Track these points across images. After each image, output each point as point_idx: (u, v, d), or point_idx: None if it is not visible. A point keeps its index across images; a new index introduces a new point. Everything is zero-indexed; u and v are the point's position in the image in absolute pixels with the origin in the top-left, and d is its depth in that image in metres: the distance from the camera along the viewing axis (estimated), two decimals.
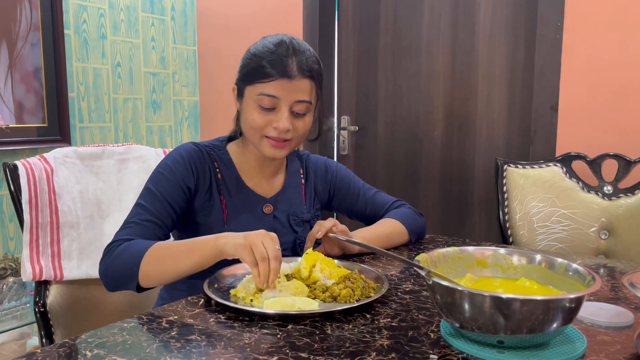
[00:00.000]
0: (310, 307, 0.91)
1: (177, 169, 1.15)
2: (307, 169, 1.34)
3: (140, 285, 1.03)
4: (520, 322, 0.72)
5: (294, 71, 1.11)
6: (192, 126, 2.95)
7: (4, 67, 2.18)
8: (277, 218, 1.24)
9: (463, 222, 2.29)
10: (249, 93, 1.15)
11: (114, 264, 1.04)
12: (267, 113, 1.13)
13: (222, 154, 1.23)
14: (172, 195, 1.13)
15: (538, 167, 1.70)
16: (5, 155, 2.21)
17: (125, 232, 1.09)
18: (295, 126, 1.15)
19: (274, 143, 1.15)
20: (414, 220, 1.36)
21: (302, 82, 1.12)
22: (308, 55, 1.14)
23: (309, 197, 1.32)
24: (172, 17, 2.81)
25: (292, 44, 1.13)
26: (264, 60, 1.12)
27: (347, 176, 1.39)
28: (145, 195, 1.13)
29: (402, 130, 2.41)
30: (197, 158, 1.18)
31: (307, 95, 1.14)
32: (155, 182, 1.14)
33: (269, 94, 1.11)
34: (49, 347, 0.75)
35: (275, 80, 1.10)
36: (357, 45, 2.51)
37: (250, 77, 1.14)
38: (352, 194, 1.38)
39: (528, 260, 0.89)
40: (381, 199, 1.40)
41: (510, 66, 2.13)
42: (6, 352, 1.99)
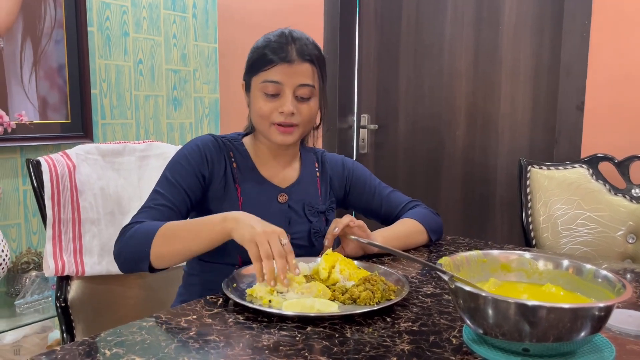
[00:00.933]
0: (330, 309, 0.89)
1: (193, 158, 1.19)
2: (322, 164, 1.35)
3: (152, 265, 1.05)
4: (546, 330, 0.69)
5: (293, 55, 1.15)
6: (213, 123, 2.96)
7: (28, 64, 2.21)
8: (292, 207, 1.24)
9: (484, 223, 2.25)
10: (255, 83, 1.20)
11: (127, 245, 1.07)
12: (272, 100, 1.17)
13: (238, 145, 1.26)
14: (187, 182, 1.16)
15: (563, 168, 1.67)
16: (29, 150, 2.24)
17: (140, 215, 1.12)
18: (301, 110, 1.18)
19: (282, 129, 1.18)
20: (432, 220, 1.36)
21: (303, 66, 1.16)
22: (307, 42, 1.19)
23: (324, 189, 1.32)
24: (193, 15, 2.82)
25: (292, 34, 1.19)
26: (265, 49, 1.17)
27: (364, 174, 1.39)
28: (162, 183, 1.17)
29: (423, 130, 2.38)
30: (213, 147, 1.22)
31: (309, 79, 1.18)
32: (171, 170, 1.18)
33: (272, 79, 1.16)
34: (69, 345, 0.75)
35: (277, 66, 1.15)
36: (378, 42, 2.49)
37: (254, 67, 1.19)
38: (367, 192, 1.37)
39: (555, 265, 0.86)
40: (396, 199, 1.39)
41: (535, 65, 2.09)
42: (28, 345, 2.02)
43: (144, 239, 1.05)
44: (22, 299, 2.02)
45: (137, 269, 1.07)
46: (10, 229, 2.22)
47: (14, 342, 2.00)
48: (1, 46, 2.13)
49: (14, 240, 2.23)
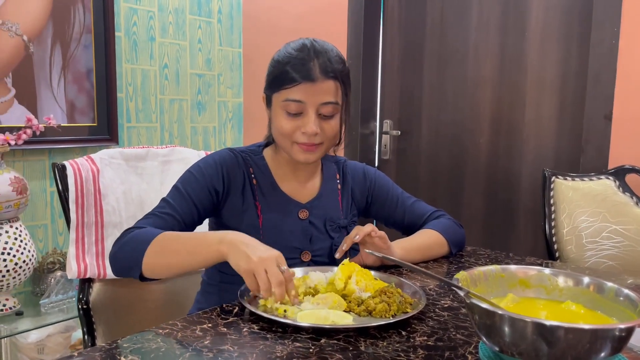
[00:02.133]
0: (344, 321, 0.89)
1: (207, 172, 1.17)
2: (344, 175, 1.32)
3: (143, 275, 1.03)
4: (565, 350, 0.68)
5: (316, 73, 1.10)
6: (236, 127, 2.98)
7: (57, 68, 2.26)
8: (313, 223, 1.22)
9: (507, 234, 2.22)
10: (276, 100, 1.16)
11: (122, 250, 1.05)
12: (294, 118, 1.13)
13: (258, 159, 1.23)
14: (198, 195, 1.14)
15: (588, 179, 1.63)
16: (57, 153, 2.29)
17: (143, 221, 1.10)
18: (324, 129, 1.14)
19: (305, 148, 1.14)
20: (453, 231, 1.32)
21: (326, 84, 1.11)
22: (331, 56, 1.13)
23: (345, 202, 1.30)
24: (218, 20, 2.85)
25: (314, 47, 1.13)
26: (286, 65, 1.12)
27: (386, 184, 1.36)
28: (172, 192, 1.16)
29: (446, 137, 2.36)
30: (231, 163, 1.19)
31: (333, 96, 1.13)
32: (183, 181, 1.17)
33: (294, 99, 1.11)
34: (86, 350, 0.76)
35: (299, 85, 1.10)
36: (402, 48, 2.48)
37: (275, 84, 1.15)
38: (390, 202, 1.35)
39: (575, 282, 0.84)
40: (420, 209, 1.36)
41: (562, 73, 2.05)
42: (52, 344, 2.06)
43: (139, 245, 1.02)
44: (47, 298, 2.07)
45: (129, 275, 1.05)
46: (37, 230, 2.27)
47: (38, 341, 2.04)
48: (31, 51, 2.18)
49: (41, 240, 2.28)
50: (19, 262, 1.91)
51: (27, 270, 1.95)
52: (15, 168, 2.13)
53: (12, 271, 1.90)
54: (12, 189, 1.89)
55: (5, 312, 1.97)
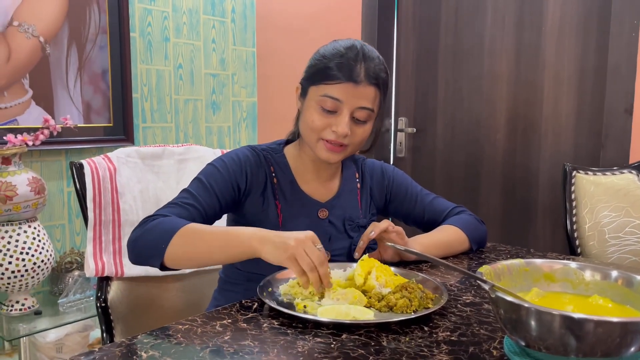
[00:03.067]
0: (366, 316, 0.88)
1: (231, 167, 1.15)
2: (362, 174, 1.31)
3: (164, 263, 1.01)
4: (594, 344, 0.66)
5: (361, 76, 1.09)
6: (250, 127, 2.98)
7: (73, 69, 2.28)
8: (333, 223, 1.21)
9: (526, 230, 2.19)
10: (313, 93, 1.13)
11: (144, 237, 1.03)
12: (327, 115, 1.12)
13: (279, 157, 1.22)
14: (221, 188, 1.13)
15: (611, 174, 1.60)
16: (73, 153, 2.30)
17: (165, 210, 1.08)
18: (354, 132, 1.13)
19: (329, 147, 1.13)
20: (475, 227, 1.30)
21: (368, 89, 1.10)
22: (377, 63, 1.12)
23: (364, 202, 1.29)
24: (232, 19, 2.86)
25: (363, 50, 1.12)
26: (332, 62, 1.10)
27: (405, 181, 1.35)
28: (194, 184, 1.14)
29: (462, 134, 2.34)
30: (254, 162, 1.18)
31: (371, 102, 1.12)
32: (206, 174, 1.15)
33: (332, 96, 1.10)
34: (107, 346, 0.76)
35: (341, 84, 1.09)
36: (417, 45, 2.46)
37: (316, 77, 1.13)
38: (409, 200, 1.33)
39: (603, 276, 0.82)
40: (440, 205, 1.35)
41: (580, 67, 2.02)
42: (70, 343, 2.08)
43: (164, 234, 1.00)
44: (65, 297, 2.08)
45: (148, 263, 1.02)
46: (55, 230, 2.29)
47: (57, 340, 2.06)
48: (48, 52, 2.20)
49: (58, 240, 2.30)
50: (37, 262, 1.93)
51: (45, 270, 1.97)
52: (32, 168, 2.15)
53: (30, 271, 1.91)
54: (30, 189, 1.90)
55: (24, 311, 1.99)
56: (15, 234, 1.90)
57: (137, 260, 1.05)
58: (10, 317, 1.97)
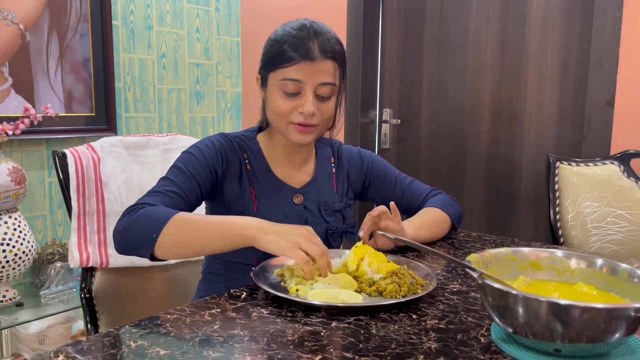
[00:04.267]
0: (354, 300, 0.89)
1: (207, 152, 1.15)
2: (339, 158, 1.32)
3: (154, 254, 0.99)
4: (580, 330, 0.67)
5: (316, 53, 1.09)
6: (235, 117, 2.96)
7: (54, 57, 2.24)
8: (308, 208, 1.21)
9: (509, 220, 2.22)
10: (272, 80, 1.13)
11: (133, 226, 1.00)
12: (291, 98, 1.11)
13: (252, 144, 1.22)
14: (199, 174, 1.12)
15: (593, 164, 1.63)
16: (55, 143, 2.27)
17: (148, 198, 1.05)
18: (321, 109, 1.13)
19: (300, 128, 1.13)
20: (453, 207, 1.35)
21: (325, 64, 1.10)
22: (329, 37, 1.12)
23: (340, 186, 1.29)
24: (216, 8, 2.83)
25: (313, 27, 1.12)
26: (285, 44, 1.10)
27: (383, 166, 1.36)
28: (173, 171, 1.12)
29: (446, 125, 2.35)
30: (228, 148, 1.18)
31: (331, 77, 1.12)
32: (183, 161, 1.13)
33: (292, 78, 1.10)
34: (94, 336, 0.75)
35: (298, 64, 1.09)
36: (402, 37, 2.46)
37: (273, 63, 1.13)
38: (388, 183, 1.35)
39: (588, 264, 0.83)
40: (417, 188, 1.38)
41: (563, 59, 2.04)
42: (52, 335, 2.05)
43: (154, 223, 0.98)
44: (47, 289, 2.05)
45: (137, 253, 1.00)
46: (36, 220, 2.25)
47: (39, 332, 2.03)
48: (28, 40, 2.16)
49: (40, 231, 2.26)
50: (19, 253, 1.89)
51: (26, 261, 1.94)
52: (13, 158, 2.11)
53: (11, 262, 1.88)
54: (11, 179, 1.87)
55: (5, 303, 1.95)
56: None
57: (125, 250, 1.02)
58: None
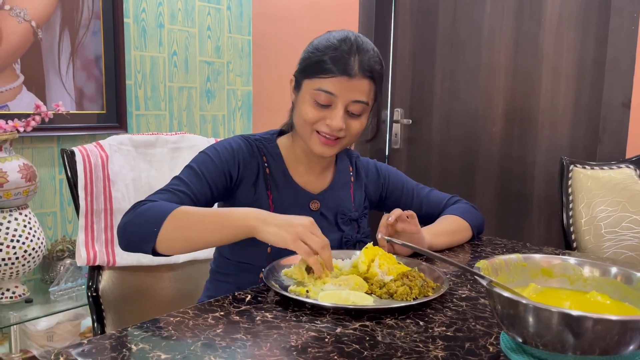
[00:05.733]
0: (365, 302, 0.88)
1: (224, 155, 1.13)
2: (356, 168, 1.31)
3: (156, 249, 0.98)
4: (592, 342, 0.65)
5: (354, 70, 1.07)
6: (245, 116, 2.95)
7: (66, 54, 2.24)
8: (324, 215, 1.20)
9: (521, 223, 2.18)
10: (307, 87, 1.11)
11: (134, 221, 1.00)
12: (321, 109, 1.10)
13: (272, 148, 1.20)
14: (213, 176, 1.11)
15: (608, 168, 1.59)
16: (66, 140, 2.27)
17: (155, 196, 1.05)
18: (349, 126, 1.11)
19: (324, 140, 1.12)
20: (474, 215, 1.33)
21: (362, 82, 1.08)
22: (371, 55, 1.10)
23: (357, 196, 1.28)
24: (227, 7, 2.82)
25: (357, 42, 1.09)
26: (325, 55, 1.08)
27: (400, 178, 1.36)
28: (186, 171, 1.12)
29: (458, 125, 2.32)
30: (246, 151, 1.16)
31: (365, 96, 1.10)
32: (198, 162, 1.13)
33: (326, 90, 1.08)
34: (96, 338, 0.74)
35: (335, 77, 1.07)
36: (414, 36, 2.43)
37: (310, 70, 1.11)
38: (406, 195, 1.34)
39: (601, 272, 0.81)
40: (437, 197, 1.37)
41: (578, 60, 2.00)
42: (61, 331, 2.06)
43: (155, 218, 0.97)
44: (56, 286, 2.06)
45: (140, 249, 1.00)
46: (47, 217, 2.26)
47: (48, 329, 2.04)
48: (40, 37, 2.16)
49: (50, 228, 2.27)
50: (28, 250, 1.90)
51: (36, 257, 1.95)
52: (24, 155, 2.12)
53: (21, 258, 1.89)
54: (21, 175, 1.88)
55: (15, 299, 1.97)
56: (5, 222, 1.87)
57: (127, 247, 1.02)
58: (1, 305, 1.95)
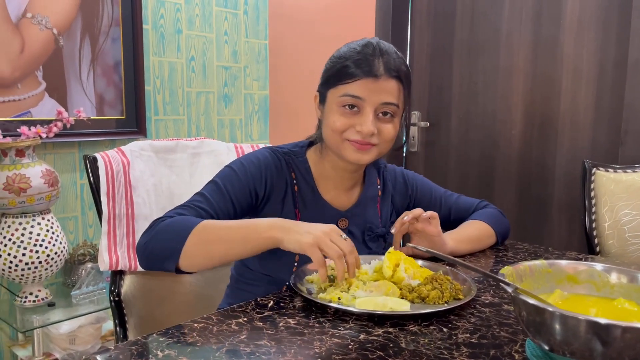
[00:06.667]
0: (402, 307, 0.88)
1: (250, 171, 1.10)
2: (384, 180, 1.27)
3: (179, 267, 0.96)
4: (621, 350, 0.64)
5: (380, 70, 1.04)
6: (262, 120, 2.97)
7: (87, 61, 2.27)
8: (352, 233, 1.18)
9: (541, 228, 2.16)
10: (332, 96, 1.08)
11: (155, 239, 0.97)
12: (350, 116, 1.06)
13: (301, 162, 1.16)
14: (237, 194, 1.08)
15: (632, 171, 1.56)
16: (86, 146, 2.30)
17: (176, 211, 1.03)
18: (381, 130, 1.07)
19: (357, 146, 1.06)
20: (500, 221, 1.31)
21: (389, 83, 1.05)
22: (395, 57, 1.08)
23: (384, 210, 1.25)
24: (244, 11, 2.84)
25: (379, 45, 1.07)
26: (348, 60, 1.06)
27: (427, 187, 1.33)
28: (209, 187, 1.09)
29: (476, 129, 2.31)
30: (274, 167, 1.13)
31: (394, 97, 1.06)
32: (223, 177, 1.10)
33: (352, 94, 1.05)
34: (122, 344, 0.75)
35: (360, 80, 1.04)
36: (431, 39, 2.43)
37: (334, 79, 1.08)
38: (434, 203, 1.31)
39: (629, 279, 0.80)
40: (466, 203, 1.34)
41: (599, 61, 1.98)
42: (83, 334, 2.08)
43: (178, 234, 0.95)
44: (78, 289, 2.09)
45: (161, 267, 0.97)
46: (68, 222, 2.29)
47: (70, 332, 2.07)
48: (61, 44, 2.20)
49: (72, 232, 2.30)
50: (51, 254, 1.93)
51: (58, 261, 1.97)
52: (46, 161, 2.15)
53: (44, 262, 1.92)
54: (44, 181, 1.91)
55: (38, 303, 1.99)
56: (29, 226, 1.90)
57: (148, 265, 1.00)
58: (24, 308, 1.98)
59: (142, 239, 1.01)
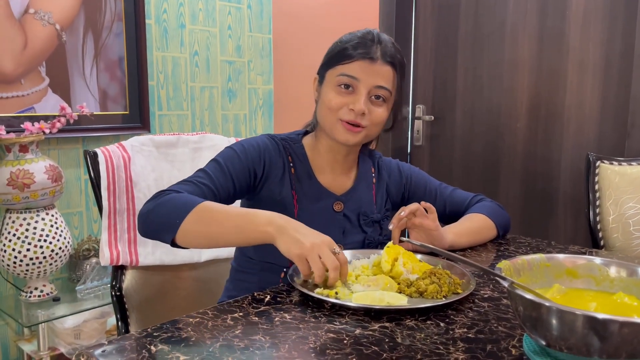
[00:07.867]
0: (400, 302, 0.88)
1: (250, 152, 1.15)
2: (379, 169, 1.30)
3: (175, 241, 0.99)
4: (619, 345, 0.63)
5: (377, 54, 1.11)
6: (267, 114, 2.96)
7: (90, 56, 2.27)
8: (347, 216, 1.20)
9: (546, 221, 2.14)
10: (330, 76, 1.15)
11: (157, 210, 1.01)
12: (345, 95, 1.12)
13: (298, 148, 1.21)
14: (237, 172, 1.12)
15: (637, 164, 1.54)
16: (90, 141, 2.31)
17: (179, 186, 1.06)
18: (372, 112, 1.12)
19: (348, 127, 1.12)
20: (499, 214, 1.31)
21: (384, 68, 1.11)
22: (392, 46, 1.15)
23: (379, 197, 1.27)
24: (248, 6, 2.82)
25: (379, 34, 1.14)
26: (348, 44, 1.13)
27: (422, 178, 1.35)
28: (211, 165, 1.13)
29: (481, 122, 2.29)
30: (272, 150, 1.17)
31: (388, 82, 1.12)
32: (224, 157, 1.14)
33: (349, 74, 1.11)
34: (116, 339, 0.75)
35: (357, 61, 1.10)
36: (436, 32, 2.40)
37: (333, 60, 1.14)
38: (429, 195, 1.33)
39: (629, 273, 0.78)
40: (460, 196, 1.35)
41: (605, 54, 1.95)
42: (88, 329, 2.10)
43: (179, 209, 0.98)
44: (82, 284, 2.10)
45: (159, 237, 1.01)
46: (73, 217, 2.30)
47: (75, 327, 2.08)
48: (64, 40, 2.20)
49: (76, 227, 2.31)
50: (55, 249, 1.94)
51: (63, 256, 1.98)
52: (50, 156, 2.16)
53: (48, 258, 1.93)
54: (48, 176, 1.91)
55: (43, 298, 2.01)
56: (33, 222, 1.91)
57: (147, 234, 1.03)
58: (29, 303, 1.99)
59: (144, 208, 1.04)
